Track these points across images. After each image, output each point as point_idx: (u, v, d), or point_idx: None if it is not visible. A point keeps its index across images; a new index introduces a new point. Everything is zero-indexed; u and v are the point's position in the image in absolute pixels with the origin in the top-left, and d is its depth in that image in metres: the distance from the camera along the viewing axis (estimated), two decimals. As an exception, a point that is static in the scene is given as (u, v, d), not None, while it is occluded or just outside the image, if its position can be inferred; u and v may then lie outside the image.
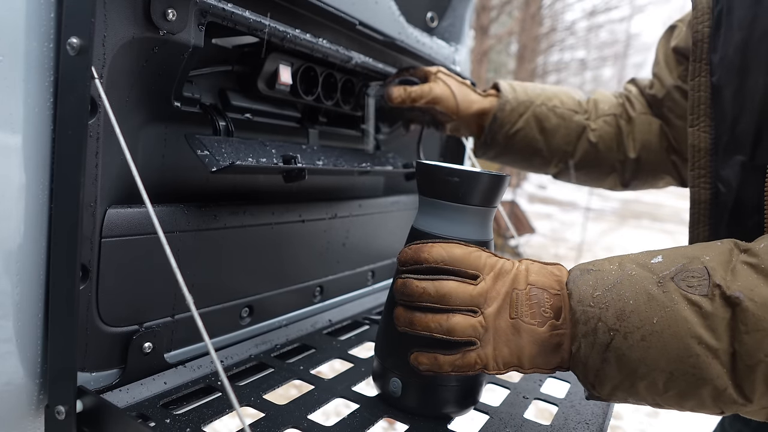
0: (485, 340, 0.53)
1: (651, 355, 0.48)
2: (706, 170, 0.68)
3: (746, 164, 0.63)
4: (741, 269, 0.48)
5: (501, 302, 0.54)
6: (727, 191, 0.65)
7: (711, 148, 0.67)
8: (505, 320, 0.53)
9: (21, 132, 0.48)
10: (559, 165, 0.99)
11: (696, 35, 0.68)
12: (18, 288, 0.51)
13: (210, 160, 0.63)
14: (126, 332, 0.60)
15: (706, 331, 0.47)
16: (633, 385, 0.50)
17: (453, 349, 0.54)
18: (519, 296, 0.54)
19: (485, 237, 0.61)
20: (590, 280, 0.53)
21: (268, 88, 0.76)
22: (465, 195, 0.59)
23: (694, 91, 0.68)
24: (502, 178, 0.60)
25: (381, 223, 1.04)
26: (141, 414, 0.56)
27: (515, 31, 13.99)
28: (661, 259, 0.52)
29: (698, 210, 0.69)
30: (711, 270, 0.48)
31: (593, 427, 0.63)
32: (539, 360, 0.54)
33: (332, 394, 0.65)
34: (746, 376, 0.46)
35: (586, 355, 0.51)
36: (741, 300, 0.46)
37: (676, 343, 0.47)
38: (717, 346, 0.46)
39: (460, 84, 0.93)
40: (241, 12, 0.63)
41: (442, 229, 0.60)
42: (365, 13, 0.82)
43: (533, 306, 0.53)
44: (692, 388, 0.48)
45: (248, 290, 0.77)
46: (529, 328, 0.53)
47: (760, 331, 0.45)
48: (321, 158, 0.82)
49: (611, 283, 0.52)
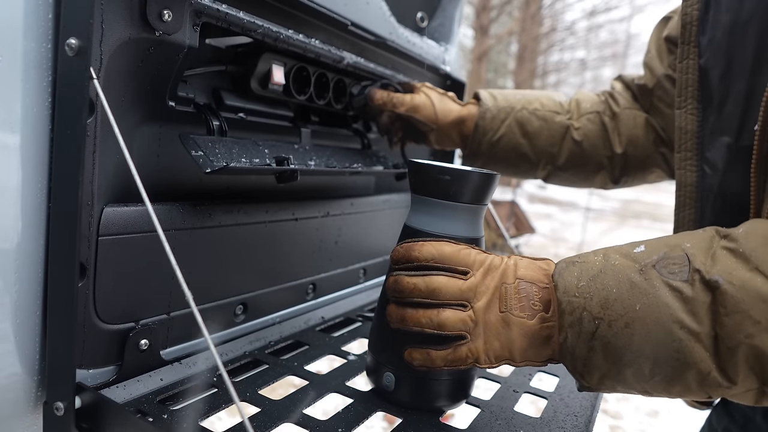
0: (476, 333, 0.54)
1: (635, 342, 0.49)
2: (692, 152, 0.69)
3: (732, 146, 0.64)
4: (720, 254, 0.49)
5: (490, 296, 0.55)
6: (713, 173, 0.66)
7: (698, 130, 0.68)
8: (495, 314, 0.54)
9: (20, 131, 0.49)
10: (546, 167, 1.00)
11: (685, 18, 0.69)
12: (17, 286, 0.51)
13: (204, 161, 0.64)
14: (123, 329, 0.61)
15: (687, 316, 0.47)
16: (620, 372, 0.51)
17: (445, 343, 0.55)
18: (508, 290, 0.55)
19: (476, 234, 0.63)
20: (575, 272, 0.54)
21: (261, 88, 0.77)
22: (456, 193, 0.60)
23: (682, 74, 0.69)
24: (492, 176, 0.61)
25: (372, 221, 1.05)
26: (139, 410, 0.57)
27: (515, 31, 14.04)
28: (644, 249, 0.53)
29: (684, 192, 0.70)
30: (691, 256, 0.49)
31: (581, 419, 0.65)
32: (530, 353, 0.55)
33: (326, 389, 0.66)
34: (728, 358, 0.47)
35: (573, 345, 0.52)
36: (720, 283, 0.47)
37: (659, 328, 0.48)
38: (699, 329, 0.47)
39: (441, 95, 0.94)
40: (235, 13, 0.64)
41: (433, 226, 0.61)
42: (357, 13, 0.84)
43: (522, 299, 0.54)
44: (677, 373, 0.49)
45: (242, 288, 0.77)
46: (519, 321, 0.54)
47: (739, 312, 0.46)
48: (313, 158, 0.83)
49: (595, 273, 0.53)
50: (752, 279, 0.46)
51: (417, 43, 1.05)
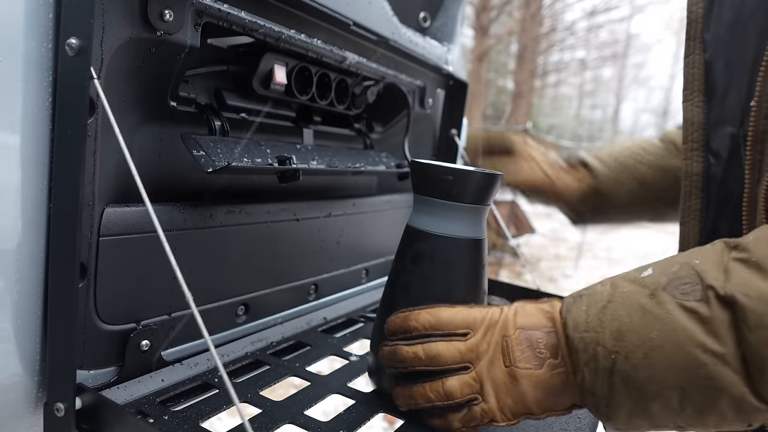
0: (486, 393, 0.53)
1: (658, 372, 0.46)
2: (698, 143, 0.70)
3: (734, 135, 0.65)
4: (733, 267, 0.46)
5: (492, 353, 0.53)
6: (717, 162, 0.67)
7: (704, 122, 0.69)
8: (501, 370, 0.53)
9: (20, 132, 0.49)
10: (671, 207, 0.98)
11: (690, 15, 0.71)
12: (17, 286, 0.51)
13: (206, 161, 0.64)
14: (124, 330, 0.61)
15: (708, 338, 0.44)
16: (647, 408, 0.47)
17: (458, 410, 0.54)
18: (509, 343, 0.53)
19: (478, 235, 0.62)
20: (583, 305, 0.51)
21: (263, 88, 0.77)
22: (458, 193, 0.60)
23: (688, 68, 0.71)
24: (495, 176, 0.61)
25: (375, 221, 1.05)
26: (139, 411, 0.57)
27: (515, 31, 14.03)
28: (651, 272, 0.50)
29: (690, 182, 0.71)
30: (702, 273, 0.47)
31: (585, 421, 0.64)
32: (548, 403, 0.52)
33: (328, 390, 0.65)
34: (760, 378, 0.43)
35: (593, 384, 0.49)
36: (737, 298, 0.44)
37: (681, 355, 0.45)
38: (723, 351, 0.44)
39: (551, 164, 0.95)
40: (236, 12, 0.64)
41: (436, 226, 0.61)
42: (359, 13, 0.83)
43: (525, 350, 0.52)
44: (709, 401, 0.45)
45: (244, 288, 0.77)
46: (526, 373, 0.52)
47: (763, 328, 0.42)
48: (315, 158, 0.82)
49: (603, 305, 0.50)
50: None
51: (420, 42, 1.05)
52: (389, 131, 1.11)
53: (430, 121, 1.15)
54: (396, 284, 0.64)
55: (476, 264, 0.63)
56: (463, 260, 0.62)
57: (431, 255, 0.62)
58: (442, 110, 1.18)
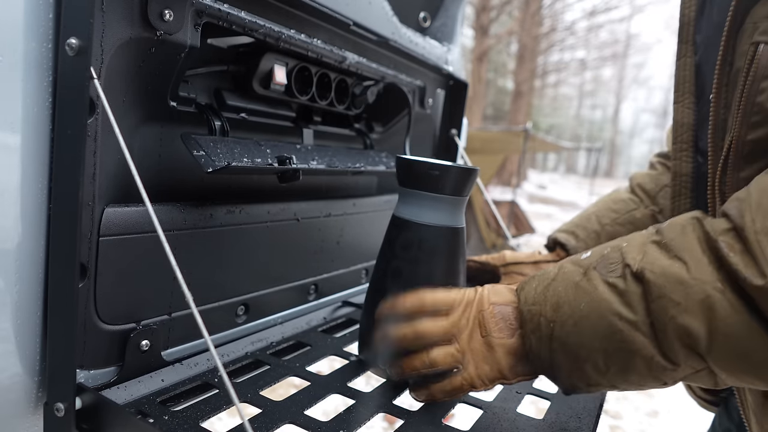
0: (466, 362, 0.59)
1: (586, 338, 0.53)
2: (688, 144, 0.72)
3: None
4: (649, 248, 0.53)
5: (471, 326, 0.60)
6: (704, 161, 0.69)
7: (693, 123, 0.72)
8: (478, 340, 0.59)
9: (20, 131, 0.49)
10: None
11: (683, 18, 0.73)
12: (17, 286, 0.51)
13: (206, 161, 0.64)
14: (124, 330, 0.61)
15: (623, 307, 0.51)
16: (581, 368, 0.54)
17: (442, 377, 0.60)
18: (485, 316, 0.59)
19: (457, 224, 0.69)
20: (533, 284, 0.59)
21: (263, 88, 0.77)
22: (439, 186, 0.66)
23: (679, 70, 0.73)
24: (471, 170, 0.67)
25: (374, 221, 1.05)
26: (139, 411, 0.57)
27: (515, 31, 14.05)
28: (589, 254, 0.58)
29: (680, 182, 0.73)
30: (625, 254, 0.53)
31: (585, 420, 0.64)
32: (519, 369, 0.59)
33: (328, 390, 0.65)
34: (664, 340, 0.50)
35: (538, 348, 0.56)
36: (644, 274, 0.51)
37: (603, 322, 0.52)
38: (634, 318, 0.51)
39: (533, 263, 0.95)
40: (236, 12, 0.64)
41: (419, 216, 0.67)
42: (359, 13, 0.83)
43: (499, 321, 0.59)
44: (627, 362, 0.52)
45: (244, 288, 0.77)
46: (500, 342, 0.58)
47: (663, 297, 0.49)
48: (315, 158, 0.82)
49: (548, 282, 0.58)
50: (671, 266, 0.50)
51: (420, 42, 1.05)
52: (389, 131, 1.11)
53: (430, 121, 1.15)
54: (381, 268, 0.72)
55: (455, 249, 0.69)
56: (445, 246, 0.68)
57: (418, 243, 0.68)
58: (442, 110, 1.18)
